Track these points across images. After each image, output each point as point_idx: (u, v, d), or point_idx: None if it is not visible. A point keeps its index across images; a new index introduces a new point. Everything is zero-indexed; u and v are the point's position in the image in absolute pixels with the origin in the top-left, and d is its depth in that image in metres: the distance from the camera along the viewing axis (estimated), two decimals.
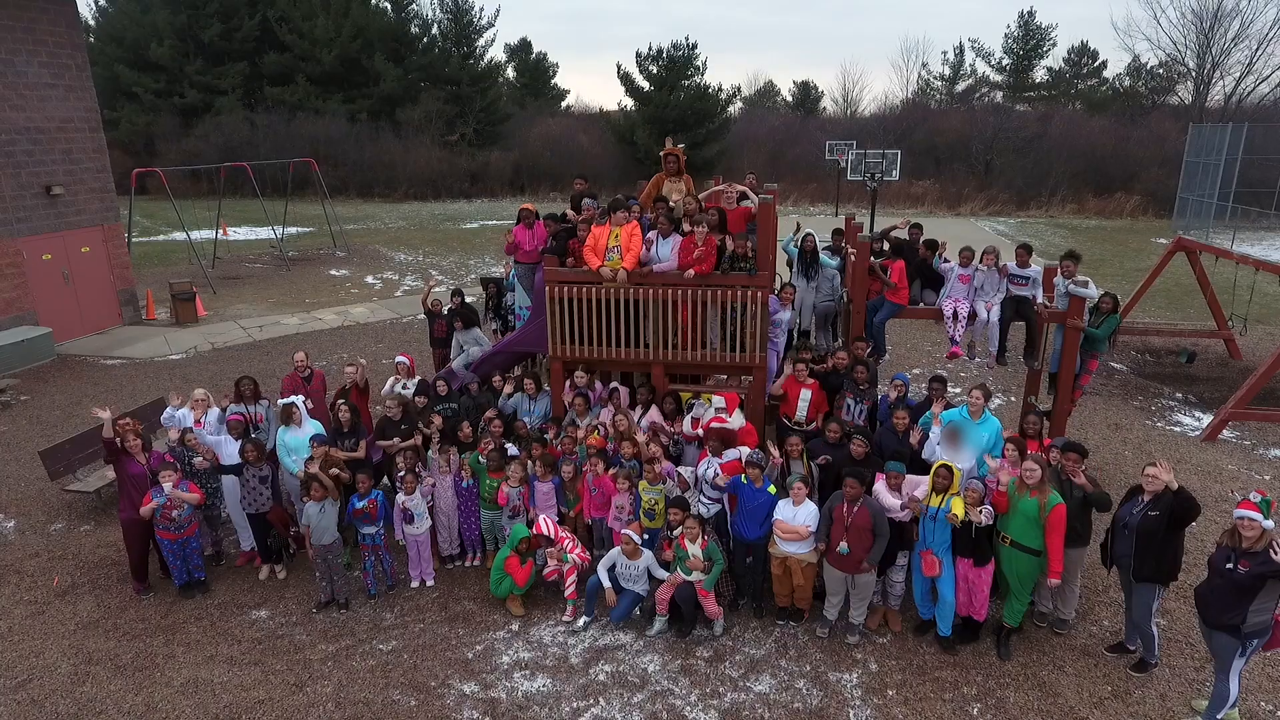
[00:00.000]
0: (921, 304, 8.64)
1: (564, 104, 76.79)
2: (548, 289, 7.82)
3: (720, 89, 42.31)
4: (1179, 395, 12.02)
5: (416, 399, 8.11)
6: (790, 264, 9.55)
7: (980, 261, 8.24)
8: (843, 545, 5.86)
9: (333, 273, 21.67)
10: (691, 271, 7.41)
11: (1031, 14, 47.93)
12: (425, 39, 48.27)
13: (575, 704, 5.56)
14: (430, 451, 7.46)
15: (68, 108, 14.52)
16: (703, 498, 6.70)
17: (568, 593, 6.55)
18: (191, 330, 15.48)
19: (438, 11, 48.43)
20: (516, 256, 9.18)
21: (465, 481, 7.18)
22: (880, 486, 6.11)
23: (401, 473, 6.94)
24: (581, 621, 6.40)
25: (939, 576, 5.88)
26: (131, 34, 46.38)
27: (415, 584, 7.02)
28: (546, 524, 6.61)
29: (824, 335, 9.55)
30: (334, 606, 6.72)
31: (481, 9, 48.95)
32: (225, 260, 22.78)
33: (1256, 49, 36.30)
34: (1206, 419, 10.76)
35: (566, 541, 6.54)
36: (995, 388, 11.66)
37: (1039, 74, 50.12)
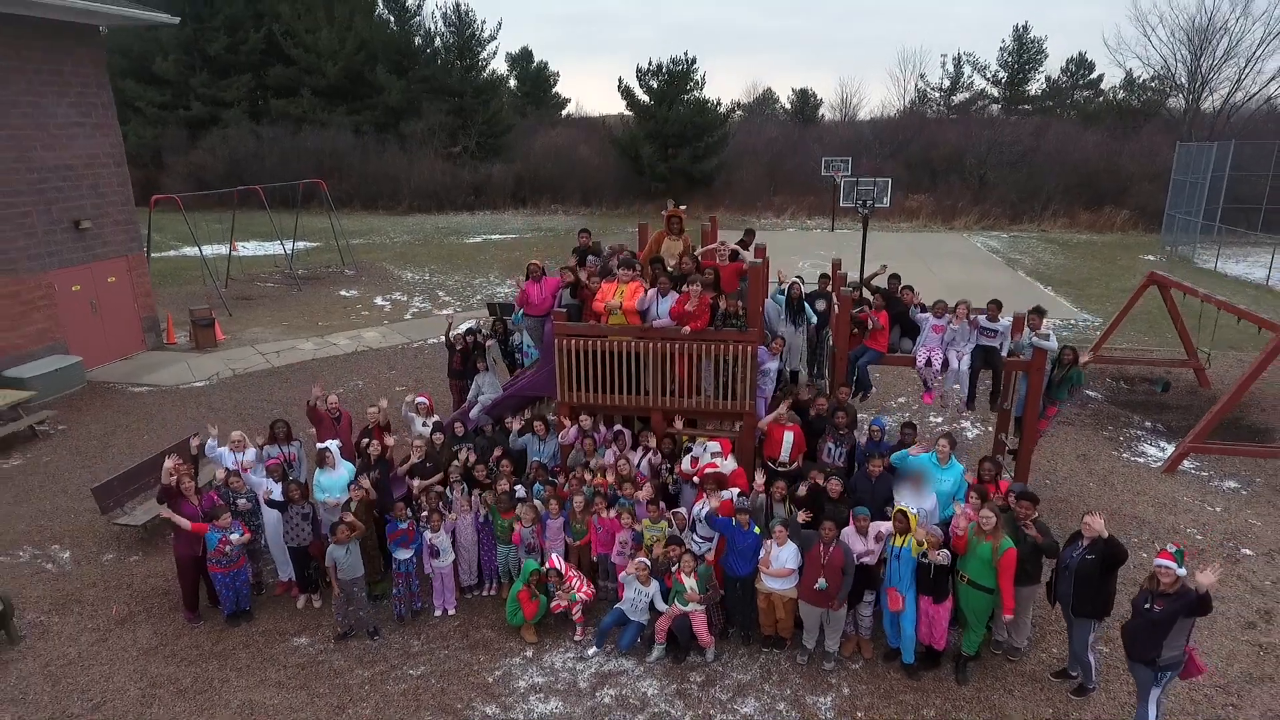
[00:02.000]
0: (899, 351, 9.44)
1: (565, 112, 77.64)
2: (557, 341, 8.64)
3: (719, 103, 43.16)
4: (1148, 424, 12.83)
5: (434, 437, 8.94)
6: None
7: (952, 314, 9.03)
8: (821, 581, 6.67)
9: (343, 293, 22.49)
10: (687, 328, 8.23)
11: (1026, 28, 48.82)
12: (428, 51, 49.06)
13: (592, 712, 6.39)
14: (449, 489, 8.27)
15: (94, 144, 15.35)
16: (696, 536, 7.52)
17: (575, 616, 7.39)
18: (212, 356, 16.30)
19: (440, 24, 49.20)
20: (526, 310, 9.95)
21: (483, 517, 8.01)
22: (849, 530, 6.93)
23: (426, 512, 7.76)
24: (591, 650, 7.22)
25: (902, 611, 6.70)
26: (137, 48, 47.14)
27: (439, 613, 7.85)
28: (559, 561, 7.44)
29: (803, 366, 10.39)
30: (363, 635, 7.54)
31: (484, 21, 49.82)
32: (237, 280, 23.58)
33: (1245, 65, 37.17)
34: (1171, 449, 11.56)
35: (575, 580, 7.36)
36: (975, 419, 12.42)
37: (1035, 85, 50.98)
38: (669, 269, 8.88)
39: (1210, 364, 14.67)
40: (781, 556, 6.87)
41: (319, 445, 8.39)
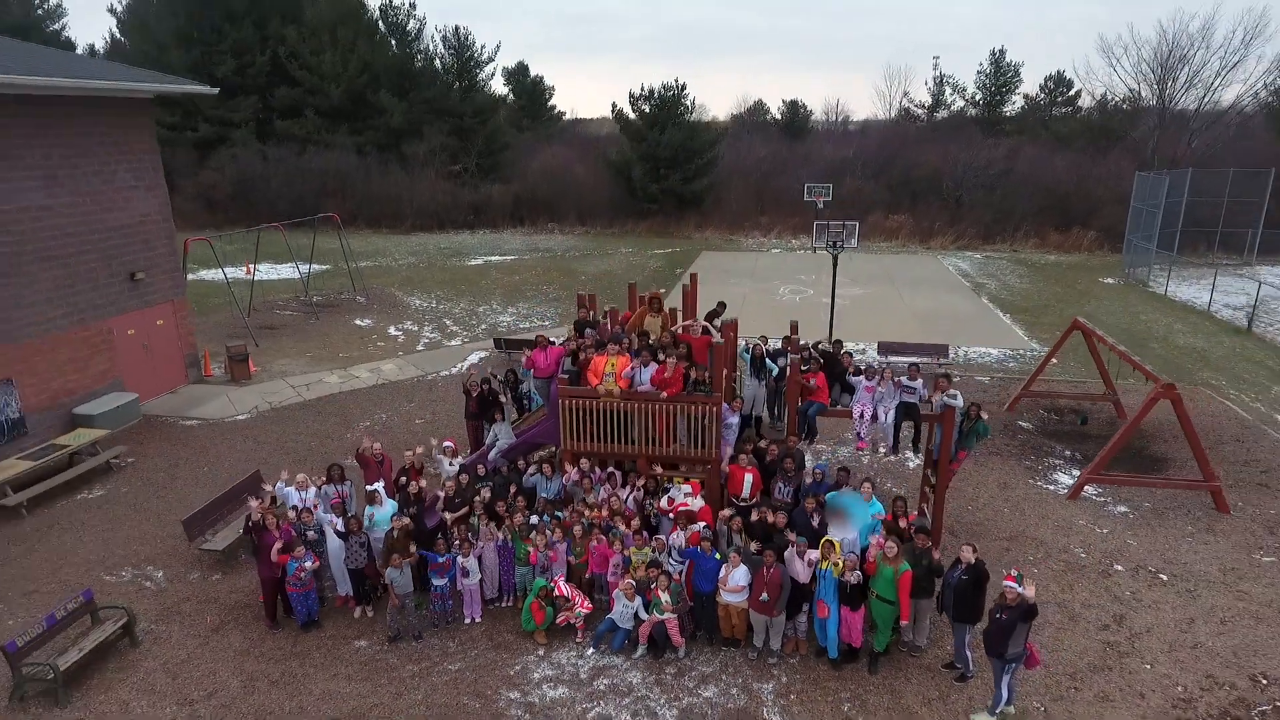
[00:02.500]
0: (840, 405, 11.55)
1: (558, 109, 79.64)
2: (560, 400, 10.73)
3: (712, 119, 45.30)
4: (1068, 453, 14.96)
5: (460, 477, 11.02)
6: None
7: (880, 377, 11.12)
8: (764, 595, 8.78)
9: (358, 323, 24.53)
10: (665, 393, 10.33)
11: (1003, 52, 51.06)
12: (429, 73, 51.01)
13: (585, 705, 8.48)
14: (475, 519, 10.34)
15: (147, 204, 17.38)
16: (671, 559, 9.62)
17: (578, 624, 9.49)
18: (248, 389, 18.34)
19: (440, 47, 51.20)
20: (534, 373, 11.98)
21: (501, 542, 10.09)
22: (791, 553, 9.04)
23: (458, 541, 9.84)
24: (589, 650, 9.32)
25: (827, 618, 8.82)
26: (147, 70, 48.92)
27: (468, 620, 9.93)
28: (566, 588, 9.53)
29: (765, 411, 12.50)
30: (410, 638, 9.61)
31: (483, 45, 51.84)
32: (258, 308, 25.55)
33: (1204, 95, 39.45)
34: (1089, 489, 13.67)
35: (577, 598, 9.45)
36: (917, 456, 14.50)
37: (1015, 102, 53.23)
38: (650, 342, 10.97)
39: (1115, 398, 16.75)
40: (735, 576, 8.97)
41: (368, 487, 10.46)
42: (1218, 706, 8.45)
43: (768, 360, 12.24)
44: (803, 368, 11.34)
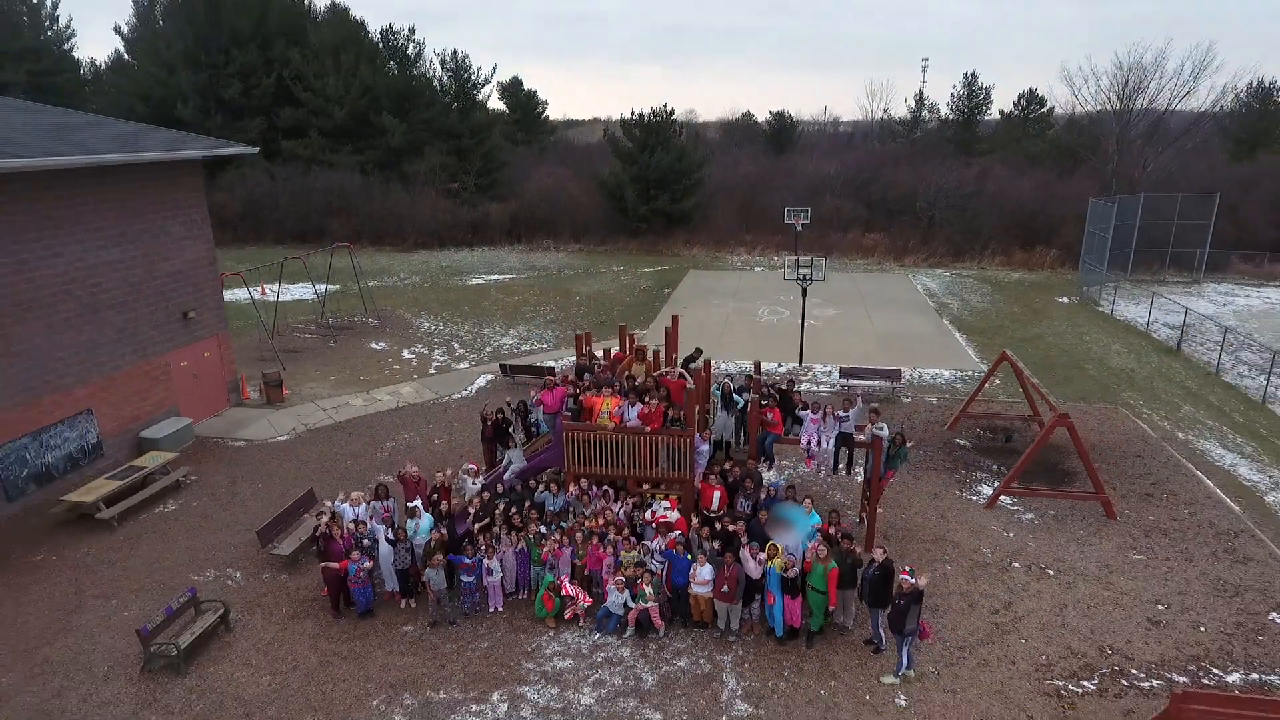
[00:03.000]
0: (792, 434, 14.19)
1: (553, 124, 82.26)
2: (565, 433, 13.35)
3: (702, 124, 47.90)
4: (995, 467, 17.65)
5: (483, 495, 13.62)
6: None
7: (822, 412, 13.75)
8: (725, 587, 11.42)
9: (373, 346, 27.08)
10: (648, 428, 12.95)
11: (975, 75, 53.89)
12: (428, 95, 53.44)
13: (586, 673, 11.10)
14: (496, 528, 12.93)
15: (196, 252, 19.89)
16: (653, 560, 12.24)
17: (580, 613, 12.10)
18: (283, 411, 20.87)
19: (439, 70, 53.67)
20: (544, 409, 14.57)
21: (518, 548, 12.69)
22: (745, 554, 11.68)
23: (483, 546, 12.44)
24: (589, 632, 11.95)
25: (774, 604, 11.47)
26: (157, 93, 51.33)
27: (493, 610, 12.53)
28: (571, 587, 12.13)
29: (732, 438, 15.15)
30: (446, 624, 12.20)
31: (480, 67, 54.38)
32: (279, 331, 28.03)
33: (1156, 123, 42.34)
34: (1005, 498, 16.36)
35: (579, 595, 12.06)
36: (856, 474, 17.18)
37: (990, 118, 56.10)
38: (636, 385, 13.58)
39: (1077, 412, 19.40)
40: (703, 573, 11.60)
41: (409, 504, 13.07)
42: (1068, 670, 11.15)
43: (735, 396, 14.87)
44: (762, 403, 13.99)
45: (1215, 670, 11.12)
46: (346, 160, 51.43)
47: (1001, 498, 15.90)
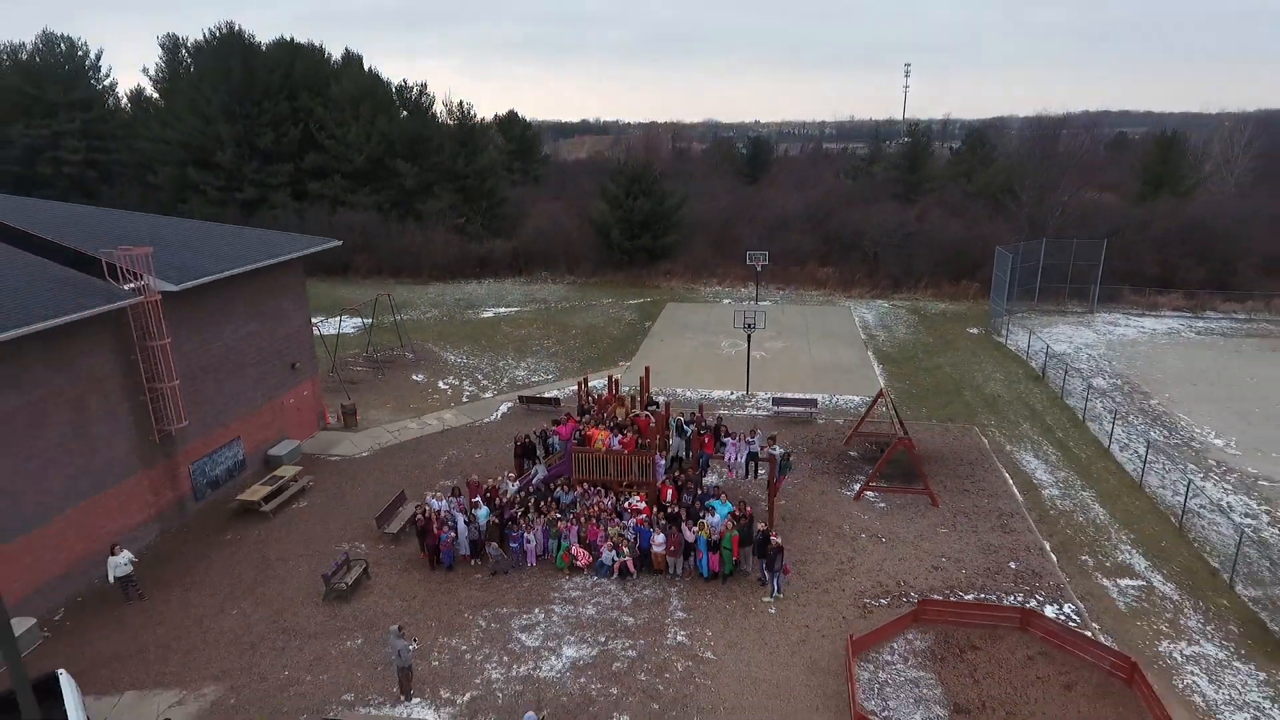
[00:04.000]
0: (719, 453, 22.08)
1: (546, 155, 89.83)
2: (574, 454, 21.21)
3: (683, 157, 55.77)
4: (870, 471, 25.55)
5: (519, 494, 21.44)
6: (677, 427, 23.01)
7: (739, 437, 21.64)
8: (672, 548, 19.31)
9: (415, 378, 34.80)
10: (626, 450, 20.84)
11: (917, 123, 61.86)
12: (437, 141, 61.03)
13: (589, 598, 18.93)
14: (530, 513, 20.73)
15: (299, 319, 27.57)
16: (629, 532, 20.10)
17: (582, 563, 19.94)
18: (360, 434, 28.58)
19: (448, 120, 61.25)
20: (559, 437, 22.40)
21: (544, 526, 20.51)
22: (684, 527, 19.57)
23: (522, 525, 20.26)
24: (591, 577, 19.82)
25: (702, 558, 19.37)
26: (197, 141, 58.77)
27: (529, 564, 20.35)
28: (578, 549, 19.97)
29: (684, 454, 23.05)
30: (502, 574, 19.98)
31: (483, 118, 62.03)
32: (337, 365, 35.62)
33: (1061, 174, 50.54)
34: (876, 497, 24.22)
35: (582, 556, 19.90)
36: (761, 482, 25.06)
37: (929, 170, 64.25)
38: (618, 422, 21.44)
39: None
40: (659, 540, 19.48)
41: (474, 498, 20.89)
42: (874, 594, 19.07)
43: (684, 427, 22.70)
44: (700, 433, 21.88)
45: (960, 593, 19.08)
46: (365, 200, 59.01)
47: (866, 493, 23.84)
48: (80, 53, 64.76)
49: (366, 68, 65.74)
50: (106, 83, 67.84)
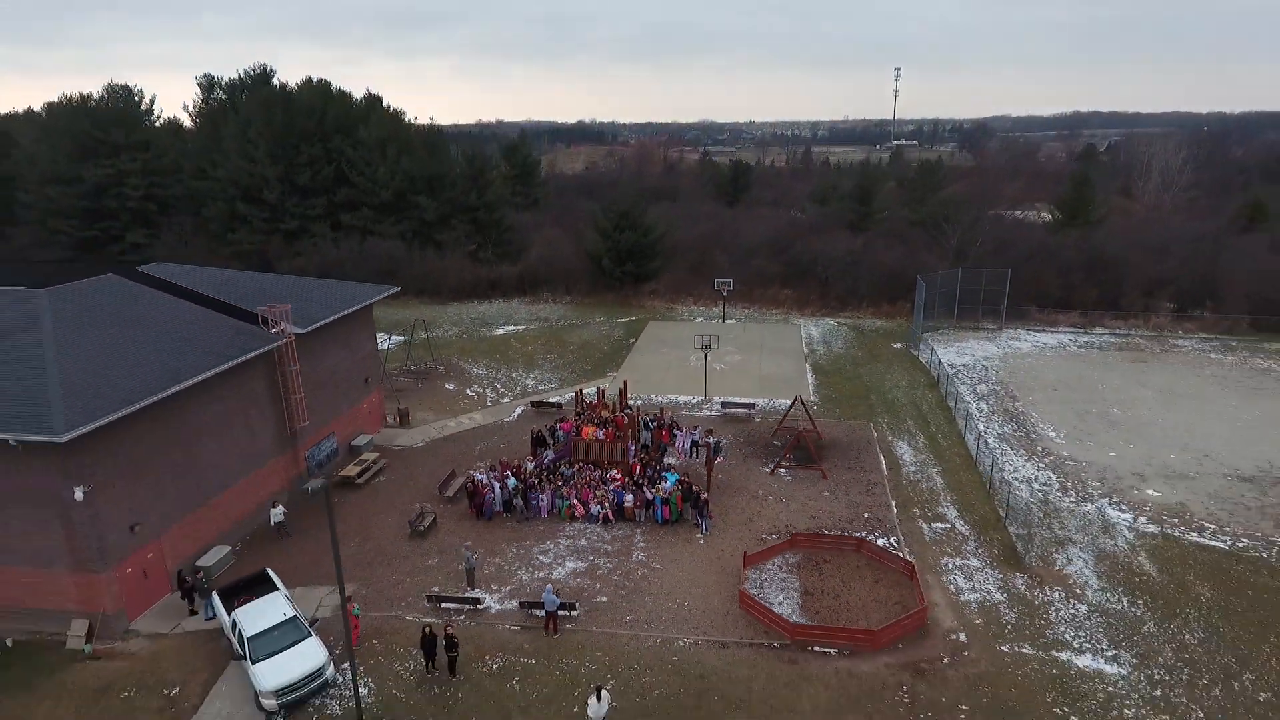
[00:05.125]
0: (673, 441, 32.67)
1: (544, 179, 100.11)
2: (573, 441, 31.82)
3: (663, 232, 66.34)
4: (789, 456, 36.10)
5: (535, 469, 32.01)
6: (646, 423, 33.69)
7: (687, 429, 32.20)
8: (638, 504, 29.89)
9: (447, 387, 45.30)
10: (608, 440, 31.43)
11: (869, 159, 72.36)
12: (452, 177, 71.48)
13: (582, 537, 29.47)
14: (543, 481, 31.26)
15: (370, 345, 38.09)
16: (610, 493, 30.68)
17: (579, 514, 30.52)
18: (413, 430, 39.10)
19: (460, 159, 71.67)
20: (562, 429, 33.01)
21: (554, 489, 31.05)
22: (645, 490, 30.17)
23: (538, 489, 30.81)
24: (585, 524, 30.42)
25: (656, 511, 29.97)
26: (244, 180, 69.18)
27: (544, 516, 30.90)
28: (577, 508, 30.55)
29: (650, 443, 33.68)
30: (524, 522, 30.50)
31: (492, 157, 72.44)
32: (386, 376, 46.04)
33: (978, 212, 61.05)
34: (786, 471, 34.70)
35: (579, 509, 30.47)
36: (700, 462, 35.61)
37: (877, 203, 74.83)
38: (604, 419, 32.01)
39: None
40: (628, 498, 30.07)
41: (504, 473, 31.48)
42: (770, 532, 29.63)
43: (649, 424, 33.20)
44: (660, 428, 32.51)
45: (826, 530, 29.62)
46: (390, 230, 69.47)
47: (778, 470, 34.40)
48: (138, 99, 75.12)
49: (388, 106, 76.31)
50: (159, 123, 78.14)
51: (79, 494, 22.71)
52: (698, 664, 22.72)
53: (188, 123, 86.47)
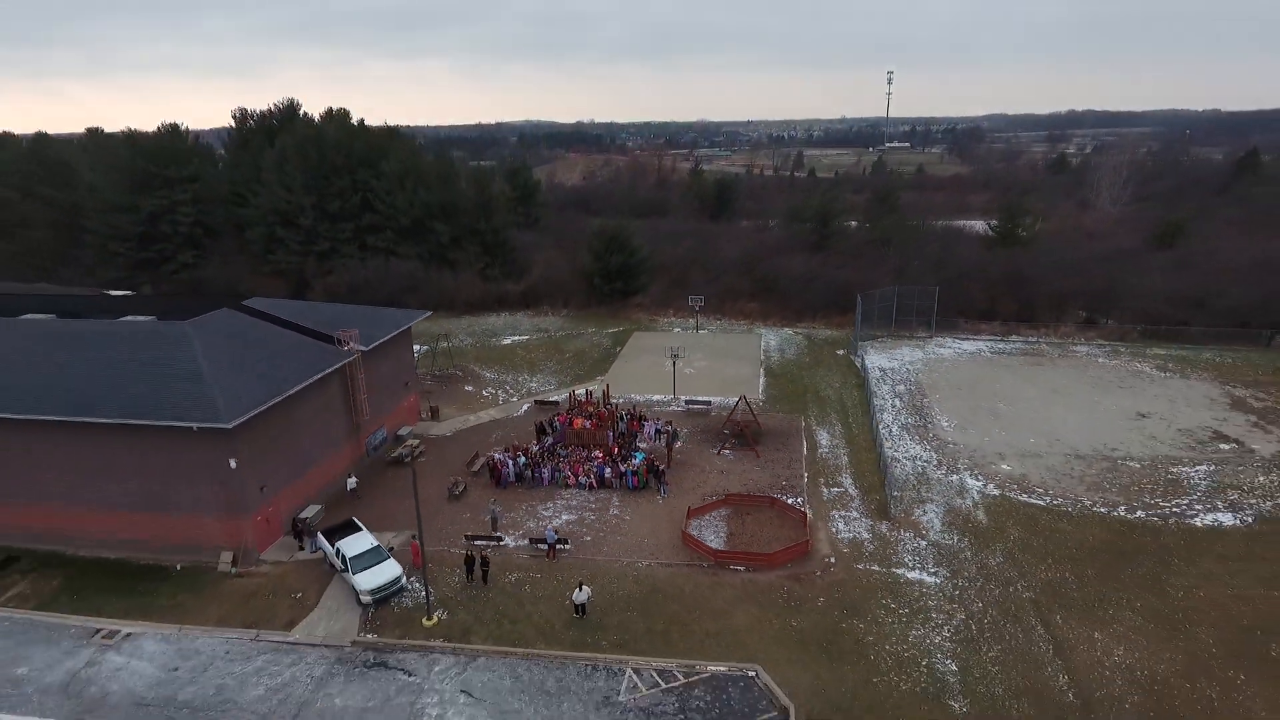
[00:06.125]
0: (643, 430, 44.32)
1: (544, 201, 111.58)
2: (566, 430, 43.50)
3: (647, 254, 77.90)
4: (733, 441, 47.64)
5: (538, 451, 43.65)
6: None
7: (650, 421, 43.82)
8: (615, 475, 41.54)
9: (466, 389, 56.94)
10: (593, 429, 43.09)
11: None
12: (463, 204, 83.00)
13: (573, 499, 41.09)
14: (546, 459, 42.87)
15: (408, 357, 49.74)
16: (594, 467, 42.33)
17: (570, 483, 42.15)
18: (443, 423, 50.75)
19: (469, 189, 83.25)
20: (559, 421, 44.71)
21: (551, 466, 42.66)
22: (620, 465, 41.83)
23: (541, 465, 42.44)
24: (577, 488, 42.08)
25: (629, 480, 41.60)
26: (282, 207, 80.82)
27: (544, 484, 42.52)
28: (570, 479, 42.18)
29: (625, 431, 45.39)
30: (531, 488, 42.10)
31: (493, 169, 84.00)
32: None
33: (913, 232, 72.62)
34: (729, 452, 46.19)
35: (571, 479, 42.10)
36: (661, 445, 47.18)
37: (836, 225, 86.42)
38: (590, 413, 43.62)
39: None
40: (607, 471, 41.72)
41: (515, 453, 43.14)
42: (710, 494, 41.19)
43: (624, 416, 44.71)
44: (632, 419, 44.18)
45: (752, 492, 41.18)
46: (410, 251, 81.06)
47: (724, 451, 45.99)
48: (188, 135, 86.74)
49: (400, 126, 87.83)
50: (215, 164, 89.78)
51: (233, 463, 34.33)
52: (651, 577, 34.33)
53: (220, 148, 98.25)
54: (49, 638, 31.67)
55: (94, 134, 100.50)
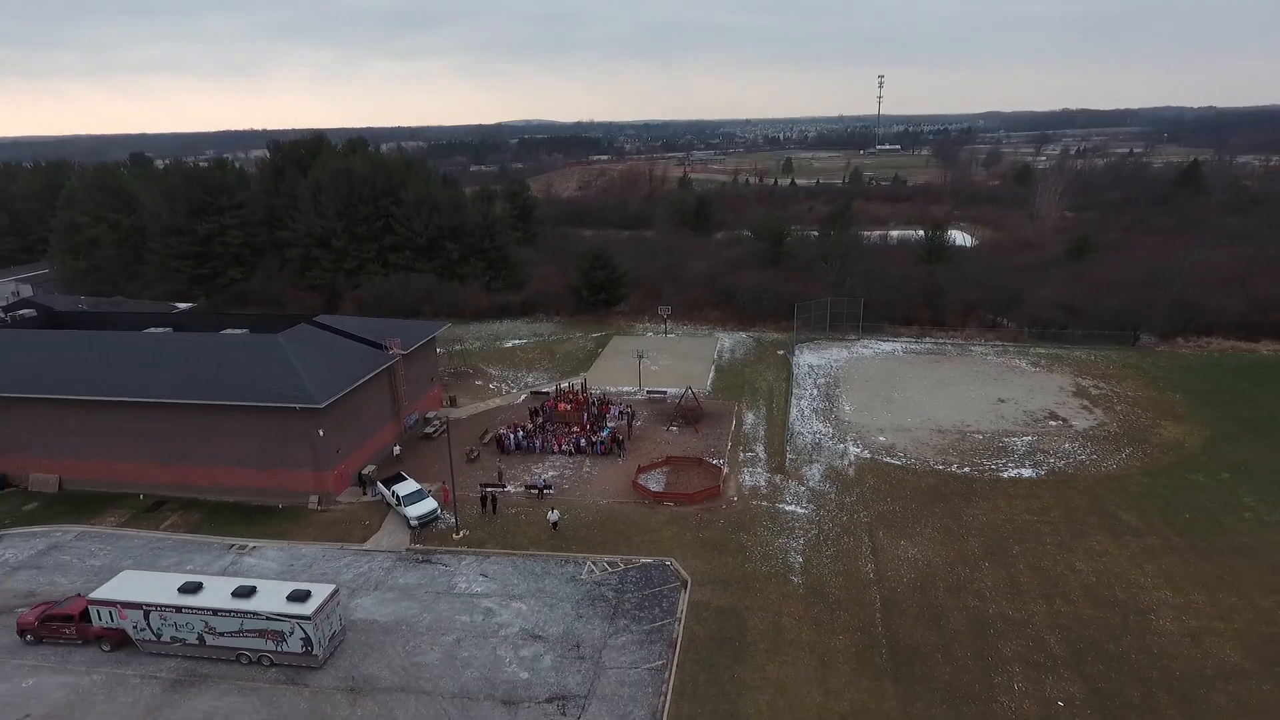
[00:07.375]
0: (610, 413, 61.17)
1: (542, 218, 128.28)
2: (554, 413, 60.43)
3: (626, 271, 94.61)
4: (681, 421, 64.28)
5: (532, 427, 60.52)
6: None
7: (614, 405, 60.62)
8: (588, 445, 58.35)
9: (476, 383, 73.84)
10: (573, 410, 60.00)
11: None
12: (470, 226, 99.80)
13: (559, 461, 57.89)
14: (540, 433, 59.67)
15: (432, 357, 66.64)
16: (573, 439, 59.16)
17: (555, 450, 58.97)
18: (460, 409, 67.68)
19: (475, 213, 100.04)
20: (547, 405, 61.63)
21: (542, 440, 59.45)
22: (592, 438, 58.68)
23: (536, 437, 59.26)
24: (561, 456, 58.92)
25: (598, 448, 58.40)
26: (317, 231, 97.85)
27: (537, 451, 59.34)
28: (555, 447, 59.01)
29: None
30: (529, 454, 58.89)
31: (501, 207, 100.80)
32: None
33: (854, 244, 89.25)
34: (673, 428, 62.75)
35: (557, 448, 58.92)
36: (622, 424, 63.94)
37: (790, 239, 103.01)
38: (570, 399, 60.50)
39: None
40: (581, 442, 58.54)
41: (515, 429, 60.05)
42: (658, 458, 57.93)
43: (594, 402, 61.31)
44: (602, 404, 61.11)
45: (686, 455, 57.88)
46: (426, 267, 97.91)
47: (671, 428, 62.71)
48: (237, 166, 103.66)
49: (409, 139, 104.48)
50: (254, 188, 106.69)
51: (320, 432, 51.16)
52: (608, 509, 51.09)
53: (253, 170, 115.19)
54: (203, 549, 48.60)
55: (137, 159, 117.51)
